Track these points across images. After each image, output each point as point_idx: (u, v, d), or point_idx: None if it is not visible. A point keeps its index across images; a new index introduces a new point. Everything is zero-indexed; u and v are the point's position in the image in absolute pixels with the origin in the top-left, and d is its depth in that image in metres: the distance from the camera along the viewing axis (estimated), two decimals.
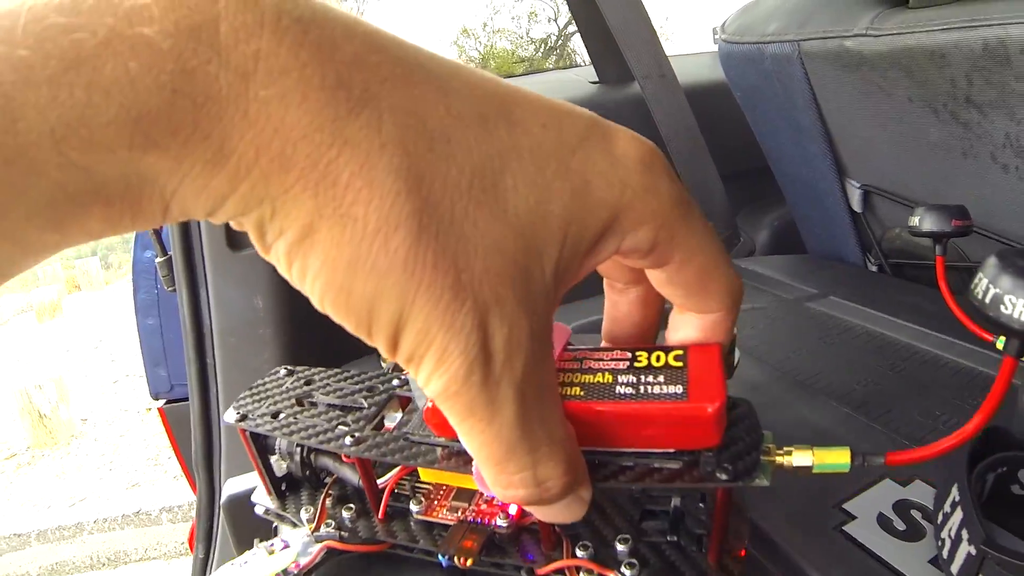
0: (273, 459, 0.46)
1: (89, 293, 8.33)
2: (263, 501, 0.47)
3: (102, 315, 7.39)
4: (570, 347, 0.31)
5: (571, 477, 0.25)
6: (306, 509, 0.44)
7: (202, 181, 0.19)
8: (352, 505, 0.43)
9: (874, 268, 0.95)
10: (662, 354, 0.28)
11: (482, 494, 0.41)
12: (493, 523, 0.39)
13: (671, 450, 0.28)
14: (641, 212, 0.24)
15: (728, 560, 0.35)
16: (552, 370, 0.24)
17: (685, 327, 0.29)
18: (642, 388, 0.27)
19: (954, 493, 0.37)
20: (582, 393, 0.27)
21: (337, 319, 0.22)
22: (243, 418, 0.42)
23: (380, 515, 0.42)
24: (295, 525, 0.45)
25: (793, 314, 0.78)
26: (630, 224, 0.24)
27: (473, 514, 0.40)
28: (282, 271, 0.22)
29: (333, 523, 0.43)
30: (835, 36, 0.75)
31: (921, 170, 0.78)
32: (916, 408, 0.55)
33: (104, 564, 3.57)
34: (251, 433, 0.43)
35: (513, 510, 0.39)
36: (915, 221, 0.62)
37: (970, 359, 0.62)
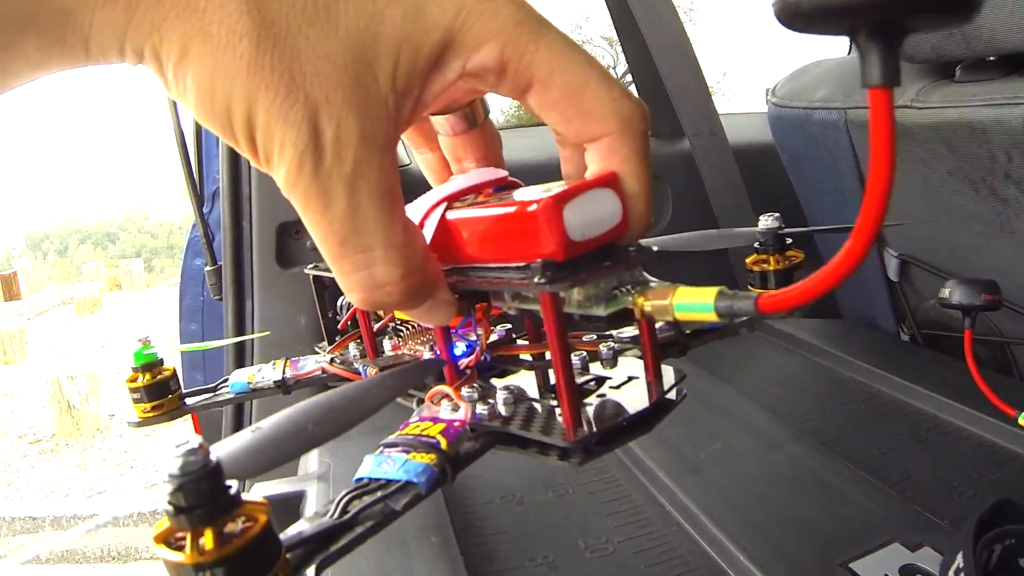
0: None
1: (130, 293, 8.52)
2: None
3: (141, 315, 7.54)
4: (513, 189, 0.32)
5: (413, 281, 0.26)
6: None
7: (107, 13, 0.23)
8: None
9: (907, 338, 0.95)
10: (553, 186, 0.28)
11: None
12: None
13: (521, 263, 0.28)
14: (479, 32, 0.25)
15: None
16: (391, 176, 0.25)
17: (589, 164, 0.29)
18: (495, 204, 0.28)
19: (959, 561, 0.38)
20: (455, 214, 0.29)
21: (208, 125, 0.25)
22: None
23: (370, 354, 0.46)
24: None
25: (821, 377, 0.78)
26: (470, 43, 0.25)
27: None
28: (176, 96, 0.25)
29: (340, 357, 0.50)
30: None
31: (958, 242, 0.79)
32: (935, 478, 0.56)
33: (114, 558, 3.60)
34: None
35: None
36: (945, 293, 0.63)
37: (993, 433, 0.62)
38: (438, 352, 0.38)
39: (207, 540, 0.21)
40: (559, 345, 0.28)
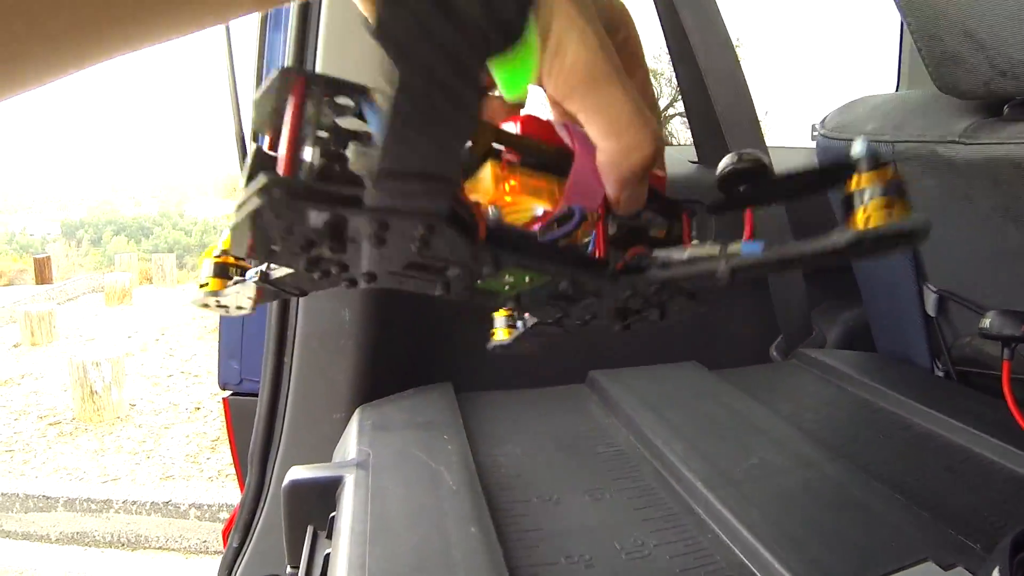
0: None
1: (160, 288, 8.64)
2: None
3: (169, 310, 7.64)
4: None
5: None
6: None
7: None
8: None
9: (941, 374, 0.95)
10: None
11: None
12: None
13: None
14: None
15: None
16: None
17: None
18: None
19: (995, 574, 0.38)
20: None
21: None
22: None
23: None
24: None
25: (856, 406, 0.79)
26: None
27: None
28: None
29: None
30: (928, 141, 0.78)
31: (998, 278, 0.79)
32: (967, 506, 0.56)
33: (124, 544, 3.64)
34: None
35: None
36: (986, 323, 0.64)
37: None
38: None
39: None
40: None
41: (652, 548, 0.52)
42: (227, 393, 1.24)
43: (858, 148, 0.29)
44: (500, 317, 0.45)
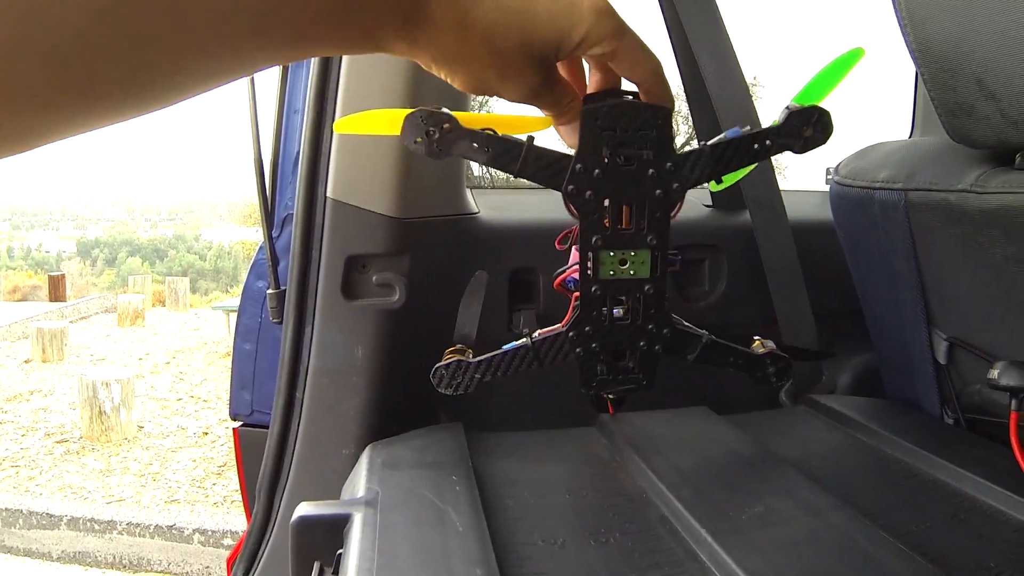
0: None
1: (172, 312, 8.69)
2: None
3: (180, 334, 7.68)
4: None
5: None
6: None
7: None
8: None
9: (950, 421, 0.95)
10: None
11: None
12: None
13: None
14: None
15: None
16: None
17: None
18: None
19: None
20: None
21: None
22: None
23: None
24: None
25: (864, 452, 0.79)
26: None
27: None
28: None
29: None
30: (941, 190, 0.79)
31: (1010, 328, 0.80)
32: (972, 558, 0.56)
33: (126, 567, 3.62)
34: None
35: None
36: (994, 374, 0.64)
37: None
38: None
39: None
40: None
41: None
42: (238, 424, 1.25)
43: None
44: None
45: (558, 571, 0.55)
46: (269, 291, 1.01)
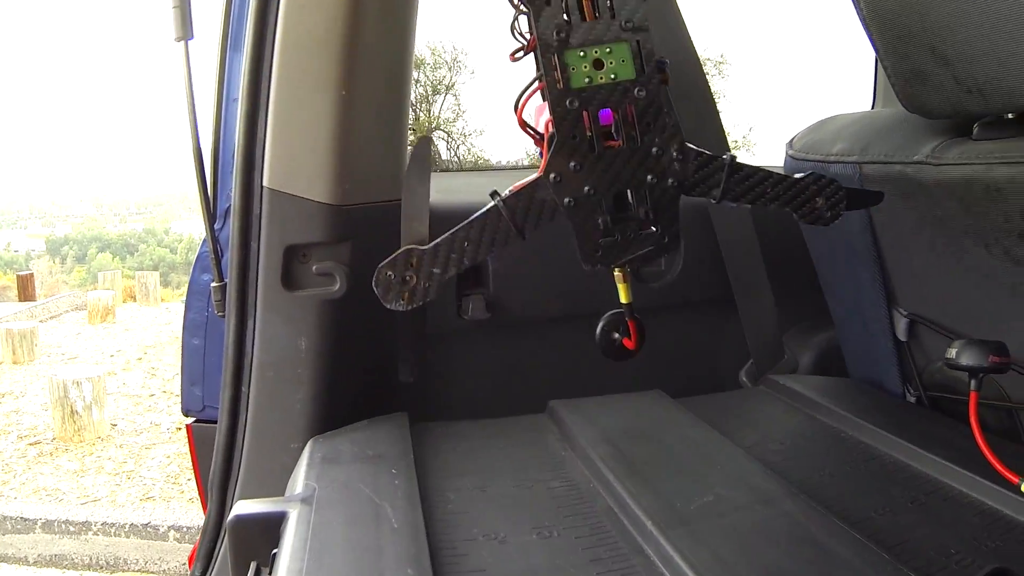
0: None
1: (143, 307, 8.58)
2: None
3: (152, 329, 7.58)
4: None
5: None
6: None
7: None
8: None
9: (912, 399, 0.93)
10: None
11: None
12: None
13: None
14: None
15: None
16: None
17: None
18: None
19: None
20: None
21: None
22: None
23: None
24: None
25: (823, 435, 0.77)
26: None
27: None
28: None
29: None
30: (896, 162, 0.76)
31: (969, 303, 0.78)
32: (932, 543, 0.55)
33: (103, 568, 3.58)
34: None
35: None
36: (952, 354, 0.62)
37: (995, 500, 0.61)
38: None
39: None
40: None
41: None
42: (191, 420, 1.21)
43: None
44: None
45: (497, 568, 0.53)
46: (213, 284, 0.97)
